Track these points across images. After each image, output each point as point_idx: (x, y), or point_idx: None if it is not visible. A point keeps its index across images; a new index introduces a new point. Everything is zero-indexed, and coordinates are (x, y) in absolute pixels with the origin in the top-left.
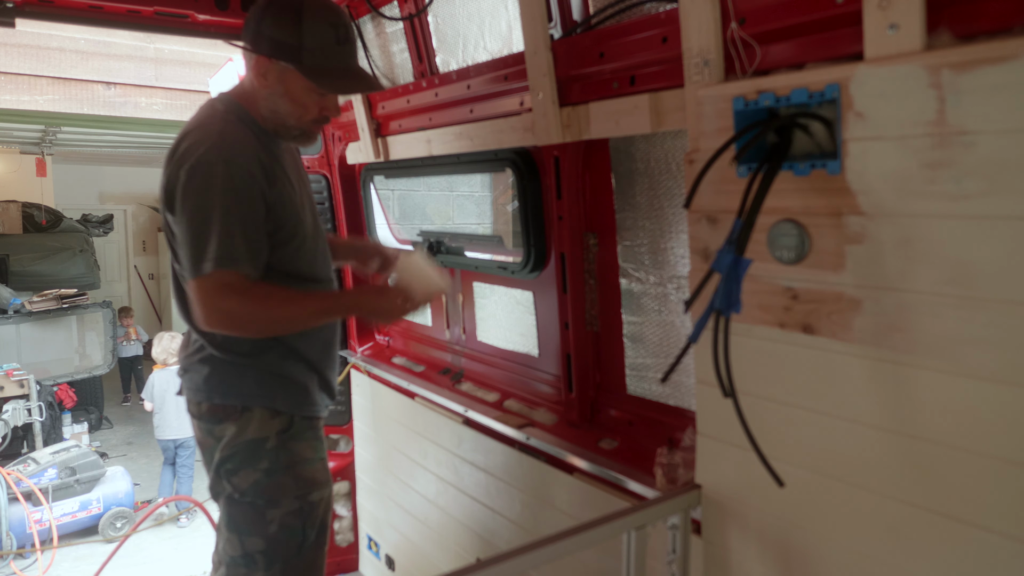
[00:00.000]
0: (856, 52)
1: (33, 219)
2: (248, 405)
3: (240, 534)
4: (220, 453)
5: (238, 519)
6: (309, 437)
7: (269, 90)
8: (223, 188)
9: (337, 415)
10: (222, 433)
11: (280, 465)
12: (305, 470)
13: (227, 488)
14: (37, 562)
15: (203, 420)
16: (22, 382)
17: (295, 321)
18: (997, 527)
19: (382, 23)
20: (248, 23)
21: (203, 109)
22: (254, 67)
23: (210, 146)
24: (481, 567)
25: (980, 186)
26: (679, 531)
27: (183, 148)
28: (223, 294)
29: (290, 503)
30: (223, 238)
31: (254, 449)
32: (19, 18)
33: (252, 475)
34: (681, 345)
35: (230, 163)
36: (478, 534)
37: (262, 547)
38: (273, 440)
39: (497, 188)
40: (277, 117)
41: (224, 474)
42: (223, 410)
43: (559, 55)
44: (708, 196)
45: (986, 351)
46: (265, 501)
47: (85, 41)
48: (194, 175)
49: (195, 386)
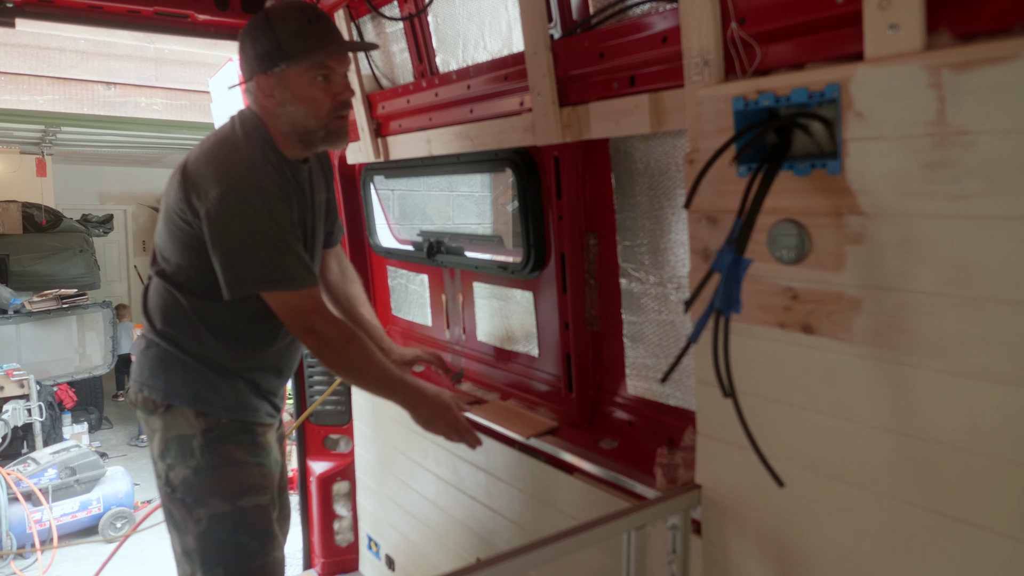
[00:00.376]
0: (856, 52)
1: (33, 219)
2: (171, 403)
3: (177, 530)
4: (155, 446)
5: (174, 514)
6: (243, 441)
7: (280, 104)
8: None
9: (337, 415)
10: (154, 425)
11: (206, 465)
12: (235, 473)
13: (162, 481)
14: (37, 562)
15: (138, 408)
16: (22, 382)
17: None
18: (997, 527)
19: (382, 23)
20: (240, 65)
21: (226, 127)
22: (259, 92)
23: (238, 173)
24: (481, 567)
25: (980, 186)
26: (679, 531)
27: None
28: (320, 313)
29: (218, 505)
30: (298, 257)
31: (182, 445)
32: (19, 18)
33: (183, 471)
34: (681, 345)
35: (262, 189)
36: (478, 534)
37: (193, 546)
38: (199, 439)
39: (497, 188)
40: (298, 127)
41: (163, 468)
42: (152, 403)
43: (559, 55)
44: (708, 196)
45: (986, 351)
46: (193, 499)
47: (85, 41)
48: (229, 200)
49: (134, 374)
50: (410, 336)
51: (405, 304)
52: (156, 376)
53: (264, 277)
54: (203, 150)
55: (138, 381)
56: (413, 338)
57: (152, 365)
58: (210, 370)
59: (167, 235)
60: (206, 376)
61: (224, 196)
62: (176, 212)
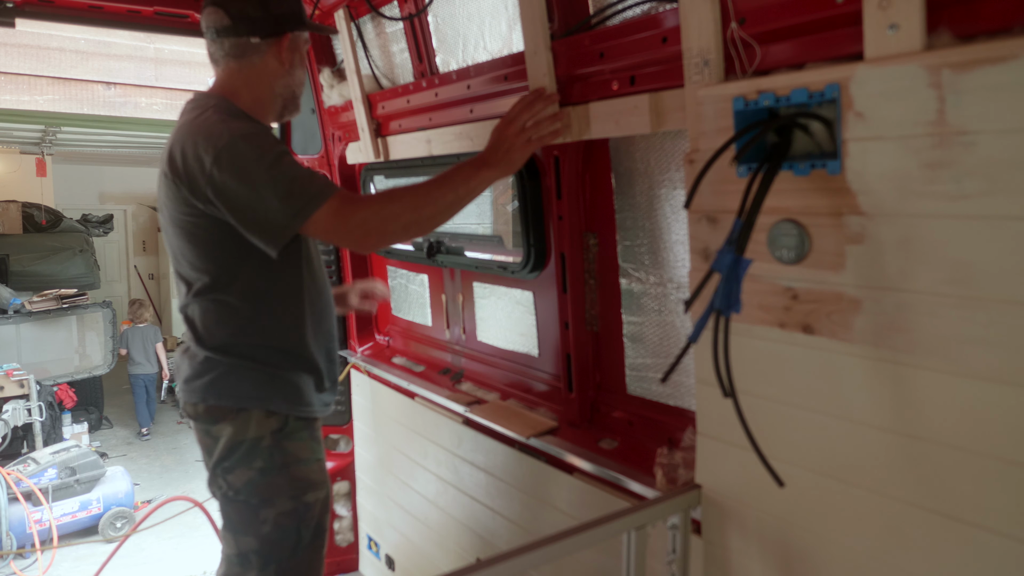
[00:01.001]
0: (856, 52)
1: (33, 219)
2: (244, 406)
3: (235, 533)
4: (218, 452)
5: (233, 518)
6: (305, 438)
7: (292, 66)
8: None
9: (337, 415)
10: (219, 433)
11: (275, 464)
12: (300, 470)
13: (223, 486)
14: (37, 562)
15: (200, 420)
16: (22, 382)
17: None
18: (997, 527)
19: (382, 23)
20: (246, 13)
21: (193, 111)
22: (280, 51)
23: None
24: (481, 567)
25: (980, 186)
26: (679, 531)
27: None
28: (353, 207)
29: (284, 503)
30: (308, 174)
31: (250, 448)
32: (19, 18)
33: (247, 474)
34: (681, 345)
35: (247, 134)
36: (478, 534)
37: (255, 547)
38: (268, 439)
39: (497, 188)
40: (288, 91)
41: (220, 472)
42: (219, 411)
43: (559, 55)
44: (708, 196)
45: (986, 351)
46: (259, 500)
47: (85, 41)
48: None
49: (192, 389)
50: (410, 336)
51: (405, 304)
52: (222, 385)
53: (293, 211)
54: (177, 139)
55: (199, 392)
56: (413, 338)
57: (216, 376)
58: (273, 369)
59: (186, 243)
60: (270, 377)
61: (217, 159)
62: (182, 212)
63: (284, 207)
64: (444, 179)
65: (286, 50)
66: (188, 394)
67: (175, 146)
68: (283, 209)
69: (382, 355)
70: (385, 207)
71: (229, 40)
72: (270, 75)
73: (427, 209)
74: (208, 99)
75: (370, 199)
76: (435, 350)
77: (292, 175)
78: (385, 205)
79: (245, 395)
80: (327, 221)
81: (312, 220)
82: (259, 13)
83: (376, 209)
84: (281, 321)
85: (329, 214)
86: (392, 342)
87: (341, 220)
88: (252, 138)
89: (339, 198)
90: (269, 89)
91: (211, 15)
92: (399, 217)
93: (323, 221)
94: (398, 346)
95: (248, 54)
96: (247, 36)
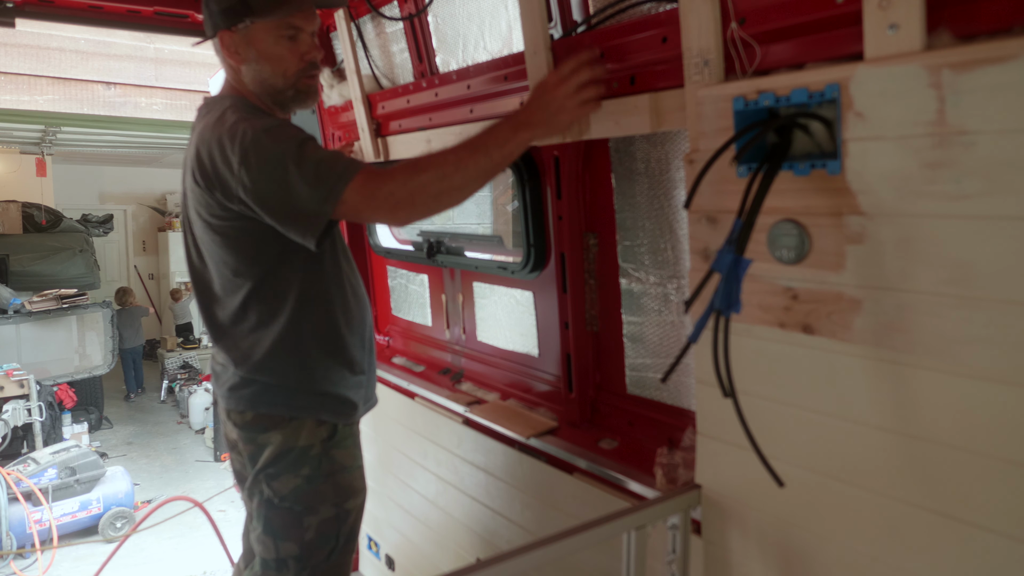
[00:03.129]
0: (856, 52)
1: (33, 219)
2: (296, 416)
3: (275, 538)
4: (264, 459)
5: (275, 523)
6: (350, 445)
7: (246, 61)
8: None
9: None
10: (266, 441)
11: (321, 472)
12: (344, 478)
13: (266, 492)
14: (37, 562)
15: (246, 429)
16: (22, 382)
17: (461, 168)
18: (997, 527)
19: (382, 23)
20: (204, 21)
21: (211, 113)
22: (224, 49)
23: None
24: (481, 567)
25: (980, 186)
26: (679, 531)
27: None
28: (379, 181)
29: (327, 510)
30: (331, 156)
31: (299, 456)
32: (19, 18)
33: (293, 480)
34: (681, 345)
35: (267, 128)
36: (478, 534)
37: (296, 553)
38: (318, 448)
39: (497, 188)
40: (266, 86)
41: (264, 478)
42: (269, 419)
43: (559, 55)
44: (708, 196)
45: (986, 351)
46: (303, 507)
47: (85, 41)
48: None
49: (239, 397)
50: (410, 336)
51: (405, 304)
52: (272, 394)
53: (323, 196)
54: (202, 143)
55: (248, 401)
56: (413, 338)
57: (262, 387)
58: (317, 390)
59: (227, 250)
60: (319, 394)
61: (244, 158)
62: (219, 218)
63: (313, 193)
64: (477, 142)
65: (231, 45)
66: (234, 402)
67: (201, 151)
68: (313, 195)
69: (382, 355)
70: (412, 178)
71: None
72: (236, 73)
73: (457, 177)
74: (222, 100)
75: (396, 171)
76: (435, 350)
77: (316, 159)
78: (412, 176)
79: (296, 405)
80: (355, 199)
81: (341, 201)
82: (205, 15)
83: (403, 180)
84: (325, 324)
85: (356, 192)
86: (392, 342)
87: (368, 196)
88: (273, 132)
89: (364, 174)
90: (245, 87)
91: None
92: (428, 187)
93: (351, 200)
94: (398, 346)
95: (218, 56)
96: (211, 39)
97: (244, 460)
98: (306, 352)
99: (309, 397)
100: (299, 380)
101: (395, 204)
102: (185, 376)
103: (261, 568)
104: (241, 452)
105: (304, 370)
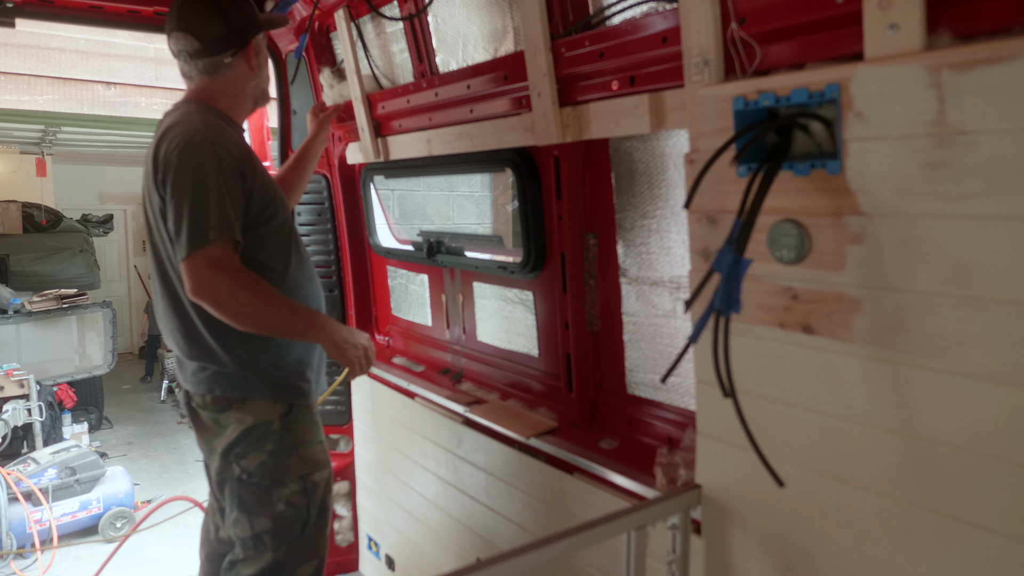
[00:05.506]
0: (856, 52)
1: (33, 219)
2: (248, 396)
3: (249, 515)
4: (228, 438)
5: (247, 500)
6: (307, 421)
7: (260, 67)
8: (214, 165)
9: (337, 415)
10: (227, 421)
11: (284, 446)
12: (307, 451)
13: (236, 471)
14: (37, 562)
15: (207, 410)
16: (22, 382)
17: (271, 315)
18: (997, 527)
19: (382, 23)
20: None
21: (178, 111)
22: (247, 58)
23: (197, 130)
24: (481, 567)
25: (980, 186)
26: (679, 531)
27: (171, 137)
28: (217, 268)
29: (294, 483)
30: (221, 209)
31: (260, 432)
32: (19, 18)
33: (259, 456)
34: (681, 345)
35: (216, 144)
36: (478, 534)
37: (269, 527)
38: (277, 423)
39: (497, 188)
40: (260, 88)
41: (233, 458)
42: (226, 400)
43: (559, 55)
44: (708, 196)
45: (986, 351)
46: (271, 481)
47: (85, 41)
48: (185, 156)
49: (198, 381)
50: (410, 336)
51: (405, 304)
52: (226, 379)
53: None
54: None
55: (205, 384)
56: (413, 338)
57: (216, 371)
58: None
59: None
60: (269, 378)
61: (183, 149)
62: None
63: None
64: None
65: (253, 55)
66: (193, 386)
67: (161, 144)
68: (192, 230)
69: (382, 355)
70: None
71: (203, 61)
72: (242, 81)
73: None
74: (188, 104)
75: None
76: (435, 350)
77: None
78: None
79: (248, 388)
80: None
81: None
82: (223, 30)
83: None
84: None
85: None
86: (392, 342)
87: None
88: (222, 153)
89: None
90: (242, 93)
91: (180, 40)
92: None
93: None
94: (398, 346)
95: (221, 70)
96: (219, 55)
97: (210, 447)
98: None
99: (258, 382)
100: (247, 367)
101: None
102: None
103: (241, 549)
104: (209, 442)
105: (250, 359)
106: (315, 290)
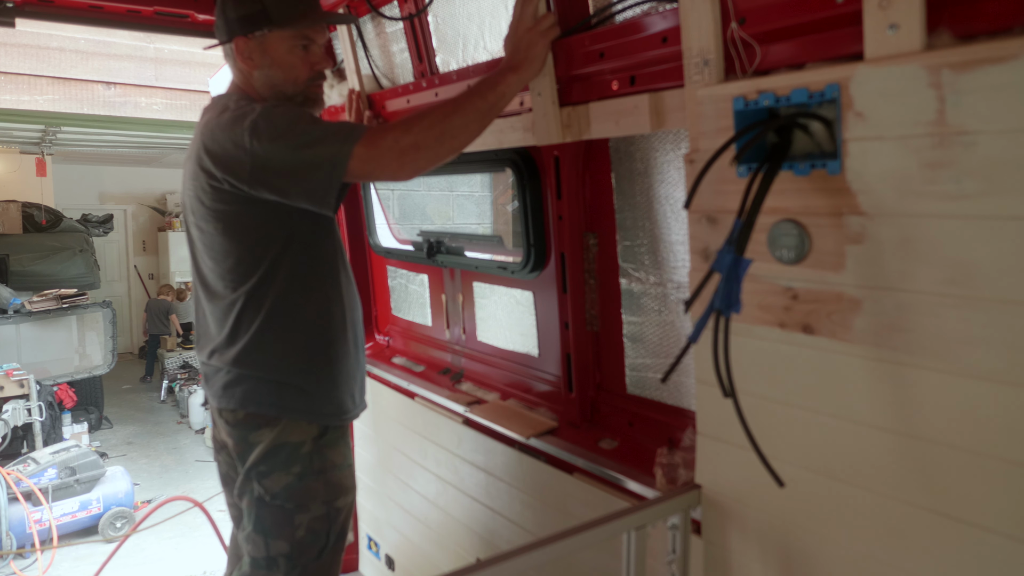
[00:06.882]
0: (856, 52)
1: (33, 219)
2: (283, 416)
3: (266, 536)
4: (254, 456)
5: (266, 521)
6: (340, 444)
7: (259, 68)
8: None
9: None
10: (258, 439)
11: (313, 470)
12: (335, 476)
13: (257, 490)
14: (37, 562)
15: (238, 427)
16: (22, 382)
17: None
18: (998, 527)
19: (382, 23)
20: (216, 22)
21: (217, 105)
22: (237, 54)
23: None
24: (481, 567)
25: (980, 186)
26: (679, 531)
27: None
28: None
29: (318, 508)
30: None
31: (290, 453)
32: (19, 18)
33: (284, 478)
34: (681, 345)
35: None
36: (478, 534)
37: (286, 551)
38: (309, 445)
39: (497, 188)
40: (277, 91)
41: (255, 476)
42: (260, 418)
43: (559, 55)
44: (708, 196)
45: (986, 351)
46: (295, 505)
47: (85, 41)
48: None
49: (229, 396)
50: (410, 336)
51: (405, 304)
52: (261, 395)
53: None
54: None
55: (238, 400)
56: (413, 338)
57: (254, 388)
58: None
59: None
60: (305, 393)
61: (254, 131)
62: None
63: (324, 151)
64: (471, 90)
65: (243, 52)
66: (225, 400)
67: (207, 141)
68: (323, 154)
69: (382, 355)
70: (414, 124)
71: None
72: (246, 79)
73: (457, 118)
74: (228, 98)
75: (397, 121)
76: (435, 350)
77: (324, 124)
78: (413, 122)
79: (284, 405)
80: (361, 156)
81: (352, 156)
82: (220, 20)
83: (405, 127)
84: (320, 324)
85: (364, 147)
86: (392, 342)
87: (372, 148)
88: (281, 106)
89: (370, 131)
90: (251, 87)
91: None
92: (430, 129)
93: (360, 155)
94: (398, 346)
95: (228, 59)
96: (223, 44)
97: (234, 460)
98: (299, 351)
99: (296, 399)
100: (290, 378)
101: (400, 152)
102: (185, 376)
103: (251, 567)
104: (231, 453)
105: (295, 369)
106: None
